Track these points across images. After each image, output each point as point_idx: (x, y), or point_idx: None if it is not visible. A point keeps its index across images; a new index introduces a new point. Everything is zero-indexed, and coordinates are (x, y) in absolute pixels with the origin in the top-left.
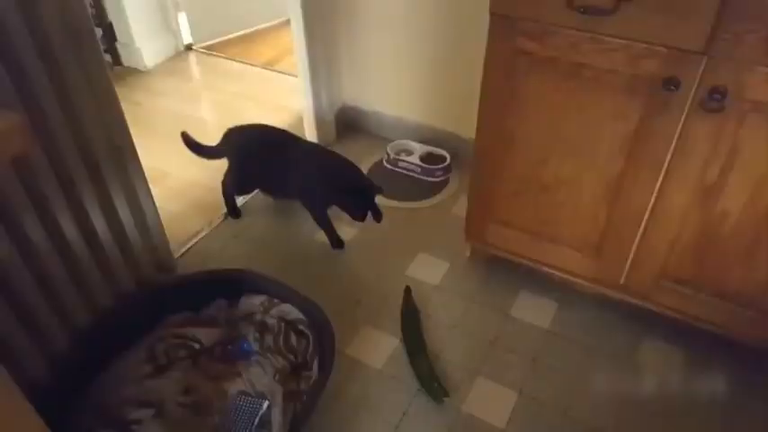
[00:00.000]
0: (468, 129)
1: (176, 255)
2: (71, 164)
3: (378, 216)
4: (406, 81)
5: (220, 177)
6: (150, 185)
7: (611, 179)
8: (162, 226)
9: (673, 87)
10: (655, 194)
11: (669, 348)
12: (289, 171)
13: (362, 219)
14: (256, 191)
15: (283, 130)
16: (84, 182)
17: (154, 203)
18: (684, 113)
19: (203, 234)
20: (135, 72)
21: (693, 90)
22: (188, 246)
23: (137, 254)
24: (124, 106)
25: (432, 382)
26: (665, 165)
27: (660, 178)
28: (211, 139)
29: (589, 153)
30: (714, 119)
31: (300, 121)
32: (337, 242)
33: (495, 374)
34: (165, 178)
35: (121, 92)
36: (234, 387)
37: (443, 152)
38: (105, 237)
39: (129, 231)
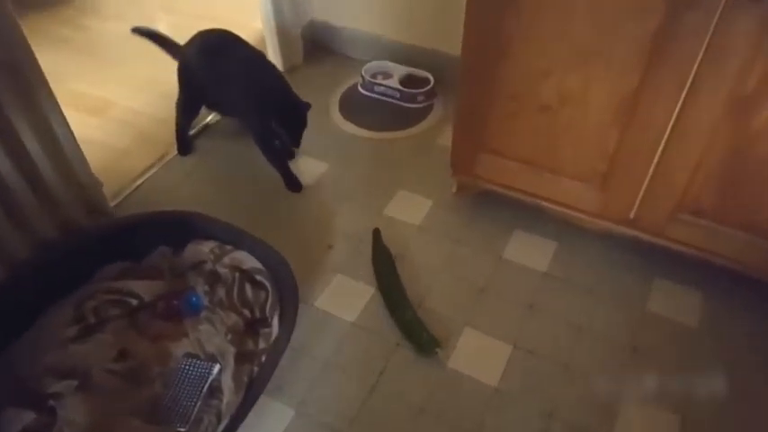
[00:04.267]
0: (455, 45)
1: (120, 197)
2: None
3: (296, 142)
4: None
5: (172, 107)
6: (89, 116)
7: (625, 93)
8: (85, 161)
9: None
10: (677, 111)
11: (684, 290)
12: (225, 83)
13: (297, 144)
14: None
15: (231, 35)
16: None
17: (72, 134)
18: (722, 4)
19: (151, 173)
20: None
21: None
22: (133, 186)
23: (56, 195)
24: (68, 31)
25: (419, 332)
26: (693, 72)
27: (685, 90)
28: (167, 69)
29: (601, 61)
30: (759, 11)
31: (262, 41)
32: (292, 182)
33: (485, 325)
34: (108, 108)
35: (67, 14)
36: (179, 349)
37: (426, 74)
38: (10, 176)
39: (41, 168)
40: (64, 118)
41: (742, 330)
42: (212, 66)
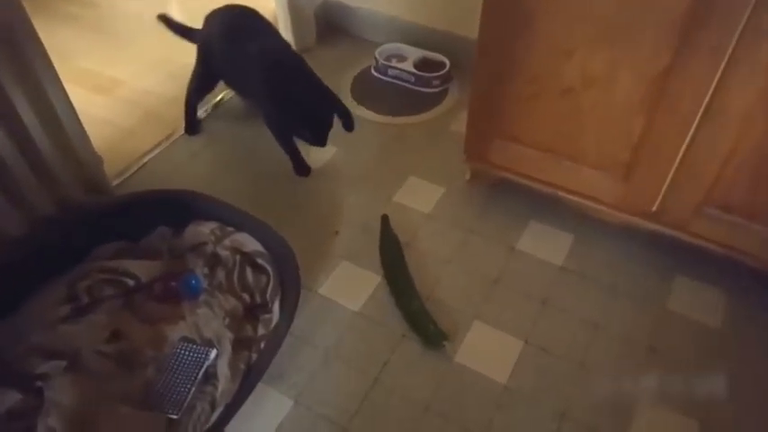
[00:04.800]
0: (472, 27)
1: (124, 175)
2: None
3: (321, 142)
4: None
5: (182, 86)
6: (96, 95)
7: (654, 75)
8: (86, 137)
9: None
10: (709, 95)
11: (707, 289)
12: (246, 68)
13: (322, 143)
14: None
15: (259, 17)
16: None
17: (72, 109)
18: None
19: (157, 152)
20: None
21: None
22: (138, 165)
23: (54, 171)
24: (78, 8)
25: (426, 323)
26: (727, 54)
27: (718, 74)
28: (176, 48)
29: (628, 40)
30: None
31: (275, 21)
32: (300, 166)
33: (496, 319)
34: (116, 87)
35: None
36: (175, 332)
37: (442, 58)
38: (5, 150)
39: (39, 142)
40: (64, 92)
41: (767, 332)
42: (234, 46)
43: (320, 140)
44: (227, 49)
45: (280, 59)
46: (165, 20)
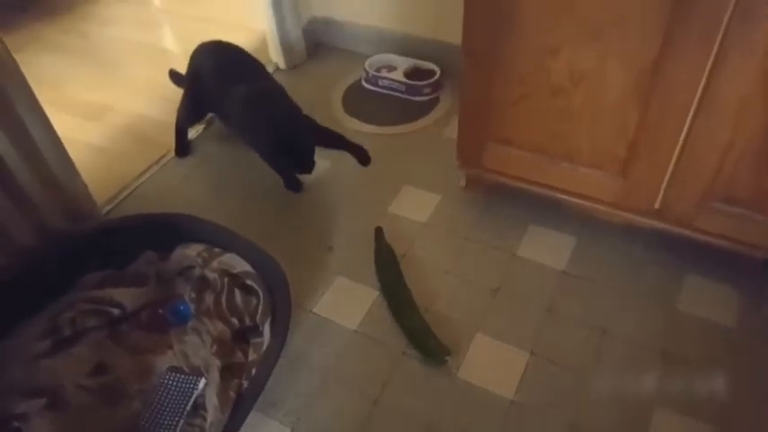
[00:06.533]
0: (460, 34)
1: (115, 201)
2: None
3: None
4: None
5: (171, 110)
6: (86, 121)
7: (644, 67)
8: (71, 165)
9: None
10: (702, 84)
11: (718, 287)
12: (235, 109)
13: (308, 170)
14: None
15: (246, 56)
16: None
17: (54, 134)
18: None
19: (147, 176)
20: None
21: None
22: (130, 190)
23: (35, 200)
24: (68, 38)
25: (427, 338)
26: (719, 37)
27: (712, 57)
28: (165, 73)
29: (617, 31)
30: None
31: (265, 41)
32: (292, 184)
33: (499, 330)
34: (106, 113)
35: (67, 21)
36: (162, 362)
37: (432, 66)
38: None
39: (17, 172)
40: (46, 120)
41: None
42: (224, 84)
43: (306, 167)
44: (218, 87)
45: (266, 100)
46: (174, 75)
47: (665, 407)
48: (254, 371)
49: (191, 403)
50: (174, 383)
